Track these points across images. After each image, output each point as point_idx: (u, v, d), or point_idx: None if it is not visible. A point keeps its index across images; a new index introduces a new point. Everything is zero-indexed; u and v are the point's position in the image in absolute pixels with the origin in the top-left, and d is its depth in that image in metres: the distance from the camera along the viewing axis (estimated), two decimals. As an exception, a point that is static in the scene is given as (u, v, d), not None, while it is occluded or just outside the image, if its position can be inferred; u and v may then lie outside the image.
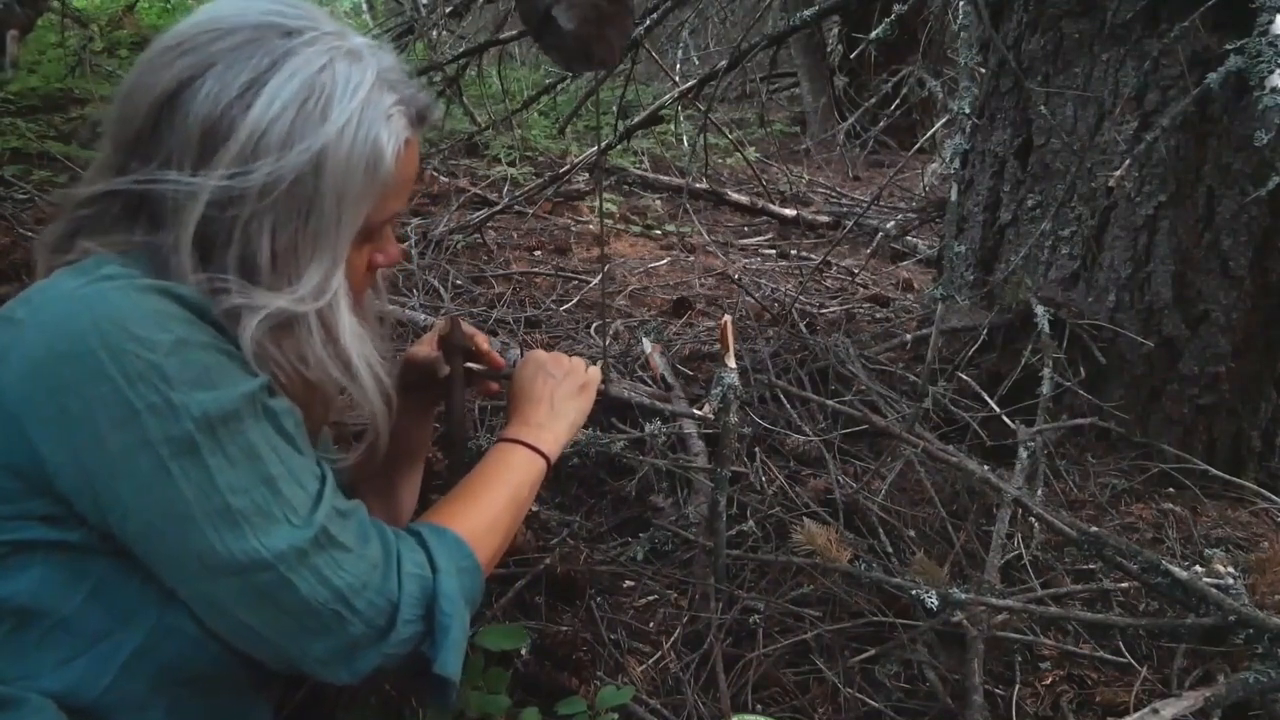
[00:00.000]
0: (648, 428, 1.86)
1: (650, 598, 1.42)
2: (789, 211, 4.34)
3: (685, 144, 5.01)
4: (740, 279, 3.05)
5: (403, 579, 0.83)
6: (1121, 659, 1.30)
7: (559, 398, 1.14)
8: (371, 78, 0.83)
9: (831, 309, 2.85)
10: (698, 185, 4.61)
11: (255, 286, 0.81)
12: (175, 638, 0.80)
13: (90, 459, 0.74)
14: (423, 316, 2.36)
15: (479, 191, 3.97)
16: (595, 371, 1.21)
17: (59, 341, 0.73)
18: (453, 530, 0.92)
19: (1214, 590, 1.26)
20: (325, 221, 0.82)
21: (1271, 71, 1.24)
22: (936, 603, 1.26)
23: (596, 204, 4.09)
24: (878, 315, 2.85)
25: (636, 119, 3.03)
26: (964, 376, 1.92)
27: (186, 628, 0.80)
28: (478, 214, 3.40)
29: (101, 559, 0.78)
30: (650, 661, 1.29)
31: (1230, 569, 1.36)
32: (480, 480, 1.02)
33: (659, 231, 3.96)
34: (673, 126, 4.95)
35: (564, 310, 2.70)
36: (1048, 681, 1.27)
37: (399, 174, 0.87)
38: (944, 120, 3.72)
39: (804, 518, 1.54)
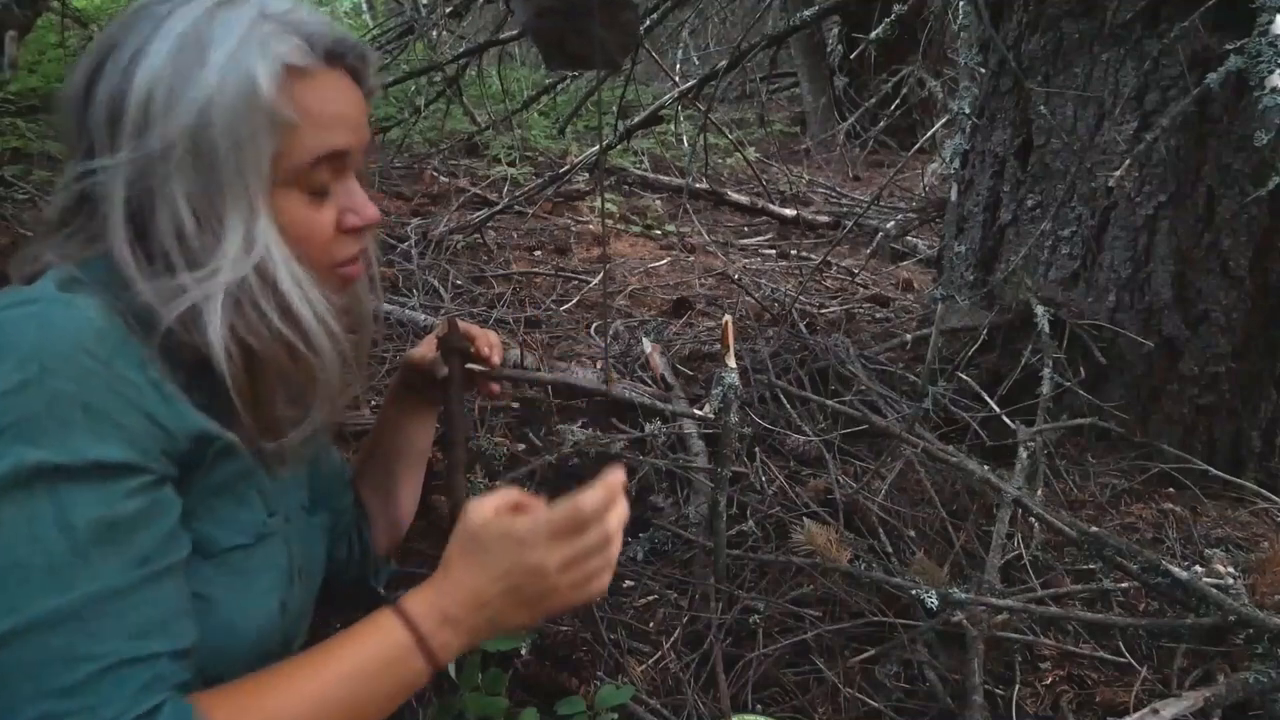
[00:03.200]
0: (648, 428, 1.86)
1: (650, 598, 1.42)
2: (789, 211, 4.33)
3: (685, 144, 5.01)
4: (740, 279, 3.05)
5: None
6: (1121, 659, 1.30)
7: (497, 604, 0.83)
8: (251, 15, 0.80)
9: (831, 309, 2.85)
10: (698, 185, 4.61)
11: (200, 268, 0.78)
12: None
13: None
14: (423, 316, 2.36)
15: (479, 191, 3.97)
16: (614, 552, 0.87)
17: None
18: None
19: (1214, 590, 1.26)
20: (227, 170, 0.78)
21: (1271, 71, 1.24)
22: (936, 603, 1.26)
23: (597, 204, 4.09)
24: (878, 315, 2.85)
25: (636, 119, 3.03)
26: (964, 376, 1.92)
27: None
28: (478, 214, 3.40)
29: None
30: (650, 661, 1.29)
31: (1230, 569, 1.36)
32: (324, 659, 0.79)
33: (659, 231, 3.95)
34: (673, 126, 4.95)
35: (564, 310, 2.70)
36: (1048, 681, 1.27)
37: (302, 106, 0.81)
38: (944, 120, 3.72)
39: (804, 518, 1.54)
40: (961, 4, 1.98)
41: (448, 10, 3.63)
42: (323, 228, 0.86)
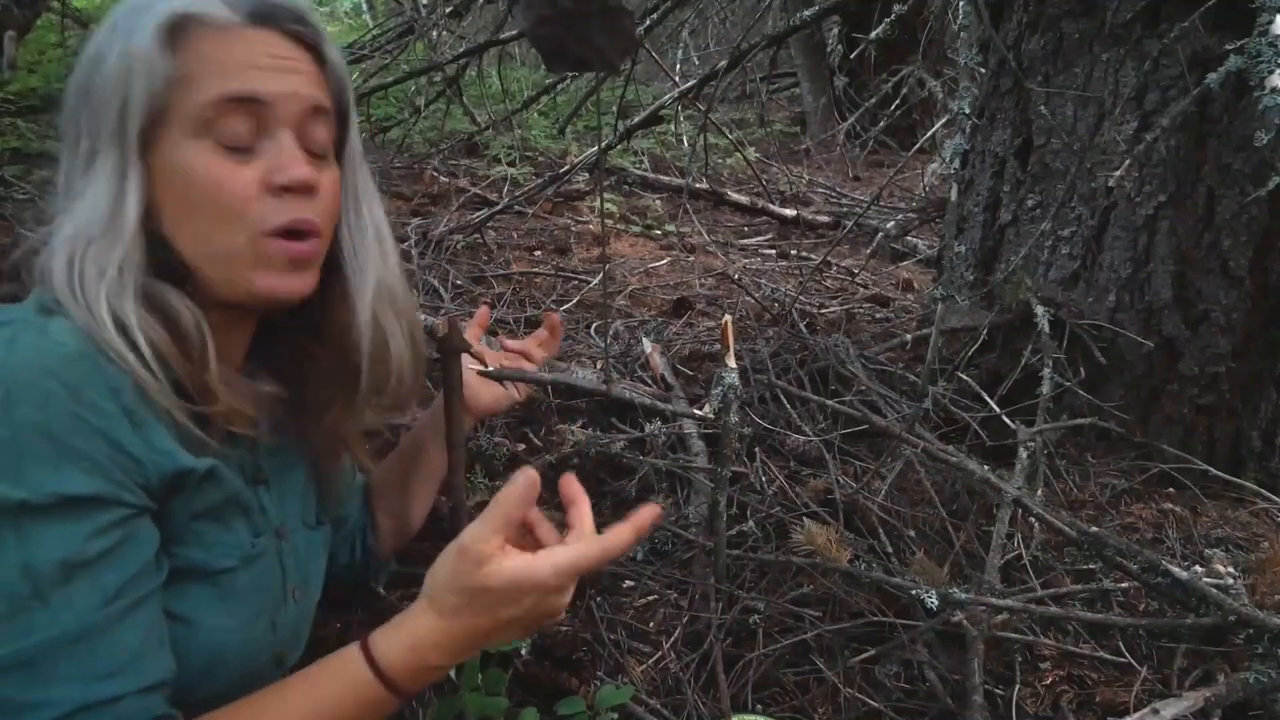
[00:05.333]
0: (648, 428, 1.86)
1: (650, 598, 1.42)
2: (789, 211, 4.33)
3: (685, 144, 5.01)
4: (740, 279, 3.05)
5: None
6: (1121, 659, 1.30)
7: (496, 638, 0.82)
8: None
9: (831, 309, 2.85)
10: (698, 185, 4.61)
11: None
12: None
13: None
14: (423, 317, 2.36)
15: (479, 191, 3.97)
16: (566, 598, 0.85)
17: None
18: None
19: (1214, 590, 1.26)
20: (101, 119, 0.79)
21: (1271, 71, 1.24)
22: (936, 603, 1.26)
23: (597, 204, 4.09)
24: (878, 315, 2.85)
25: (636, 119, 3.02)
26: (964, 376, 1.92)
27: None
28: (478, 214, 3.40)
29: None
30: (650, 661, 1.29)
31: (1230, 569, 1.36)
32: (288, 701, 0.78)
33: (659, 231, 3.95)
34: (673, 126, 4.95)
35: (564, 310, 2.70)
36: (1048, 681, 1.27)
37: (198, 51, 0.80)
38: (944, 120, 3.72)
39: (804, 518, 1.54)
40: (961, 4, 1.98)
41: (448, 10, 3.63)
42: (241, 185, 0.81)
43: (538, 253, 3.42)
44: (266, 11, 0.84)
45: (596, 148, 3.11)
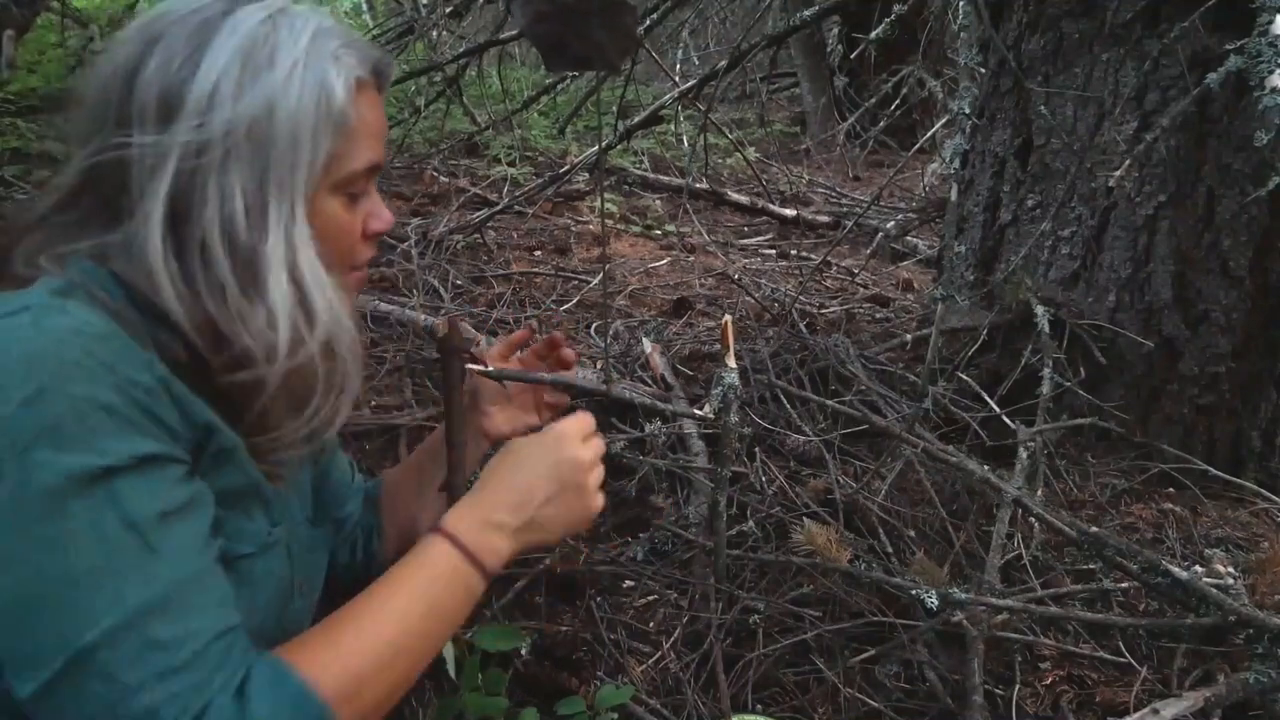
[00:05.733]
0: (648, 428, 1.86)
1: (650, 598, 1.42)
2: (789, 211, 4.34)
3: (685, 144, 5.01)
4: (740, 279, 3.05)
5: None
6: (1121, 659, 1.30)
7: (543, 497, 0.94)
8: (314, 26, 0.84)
9: (831, 309, 2.85)
10: (698, 185, 4.61)
11: (242, 263, 0.79)
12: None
13: None
14: (423, 317, 2.36)
15: (479, 191, 3.97)
16: (599, 473, 1.01)
17: None
18: (303, 680, 0.75)
19: (1214, 590, 1.26)
20: (280, 165, 0.80)
21: (1271, 71, 1.24)
22: (936, 603, 1.26)
23: (597, 204, 4.09)
24: (878, 315, 2.86)
25: (636, 119, 3.02)
26: (964, 376, 1.92)
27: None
28: (478, 214, 3.40)
29: None
30: (650, 661, 1.29)
31: (1230, 569, 1.36)
32: (382, 593, 0.84)
33: (659, 231, 3.95)
34: (673, 126, 4.95)
35: (564, 310, 2.70)
36: (1048, 681, 1.27)
37: (360, 116, 0.86)
38: (944, 120, 3.72)
39: (804, 518, 1.54)
40: (961, 4, 1.98)
41: (448, 10, 3.63)
42: (353, 231, 0.90)
43: (538, 253, 3.42)
44: (380, 69, 0.91)
45: (596, 148, 3.11)
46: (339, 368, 0.86)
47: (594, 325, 2.55)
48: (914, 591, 1.27)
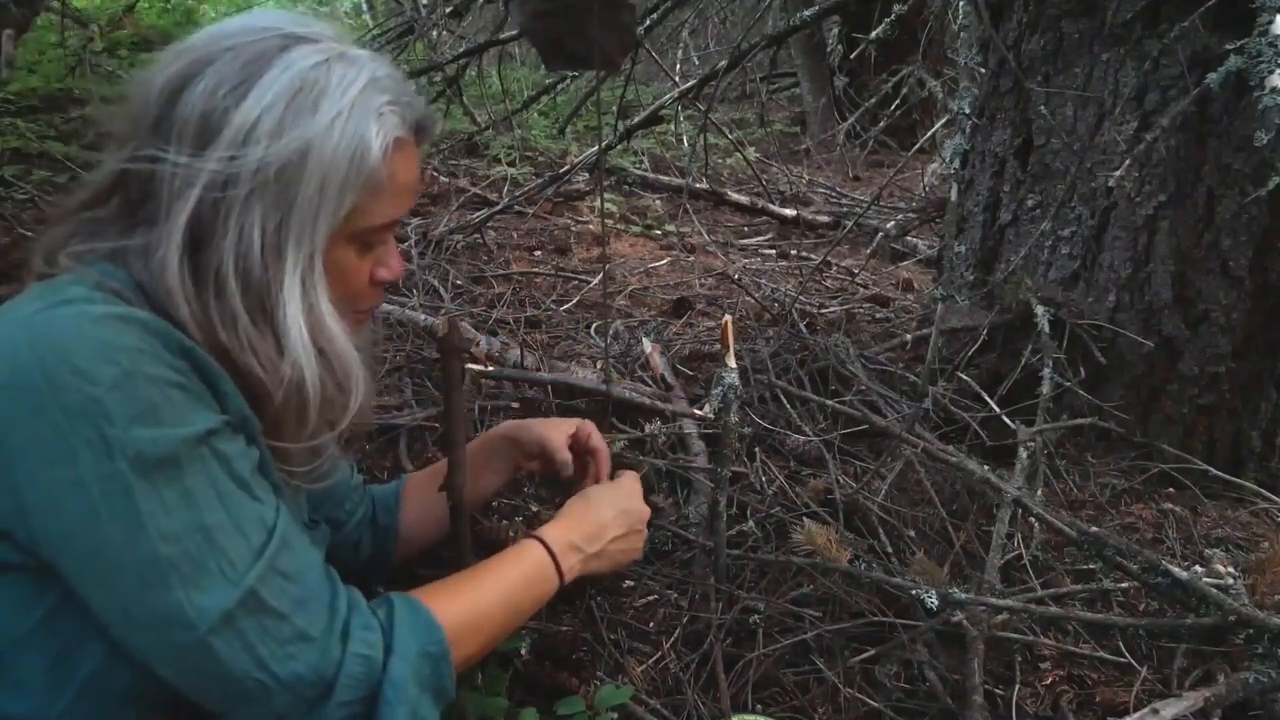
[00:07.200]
0: (648, 428, 1.86)
1: (650, 598, 1.42)
2: (789, 211, 4.33)
3: (685, 144, 5.01)
4: (740, 279, 3.05)
5: (346, 657, 0.79)
6: (1121, 659, 1.30)
7: (612, 536, 1.14)
8: (366, 78, 0.84)
9: (831, 309, 2.85)
10: (698, 185, 4.61)
11: (254, 298, 0.81)
12: (130, 663, 0.77)
13: (26, 495, 0.72)
14: (423, 317, 2.36)
15: (479, 191, 3.97)
16: (644, 529, 1.21)
17: (2, 372, 0.72)
18: (431, 610, 0.88)
19: (1214, 590, 1.26)
20: (304, 210, 0.81)
21: (1271, 71, 1.24)
22: (936, 603, 1.26)
23: (597, 204, 4.09)
24: (878, 315, 2.85)
25: (636, 119, 3.02)
26: (964, 376, 1.92)
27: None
28: (478, 214, 3.40)
29: (58, 581, 0.76)
30: (650, 661, 1.29)
31: (1230, 569, 1.36)
32: (490, 570, 1.00)
33: (659, 231, 3.95)
34: (673, 126, 4.95)
35: (564, 310, 2.70)
36: (1048, 681, 1.27)
37: (391, 174, 0.86)
38: (944, 120, 3.72)
39: (804, 518, 1.54)
40: (961, 4, 1.98)
41: (448, 10, 3.63)
42: (362, 277, 0.92)
43: (538, 253, 3.42)
44: (424, 126, 0.91)
45: (596, 148, 3.11)
46: (351, 404, 0.90)
47: (594, 325, 2.55)
48: (914, 591, 1.27)
